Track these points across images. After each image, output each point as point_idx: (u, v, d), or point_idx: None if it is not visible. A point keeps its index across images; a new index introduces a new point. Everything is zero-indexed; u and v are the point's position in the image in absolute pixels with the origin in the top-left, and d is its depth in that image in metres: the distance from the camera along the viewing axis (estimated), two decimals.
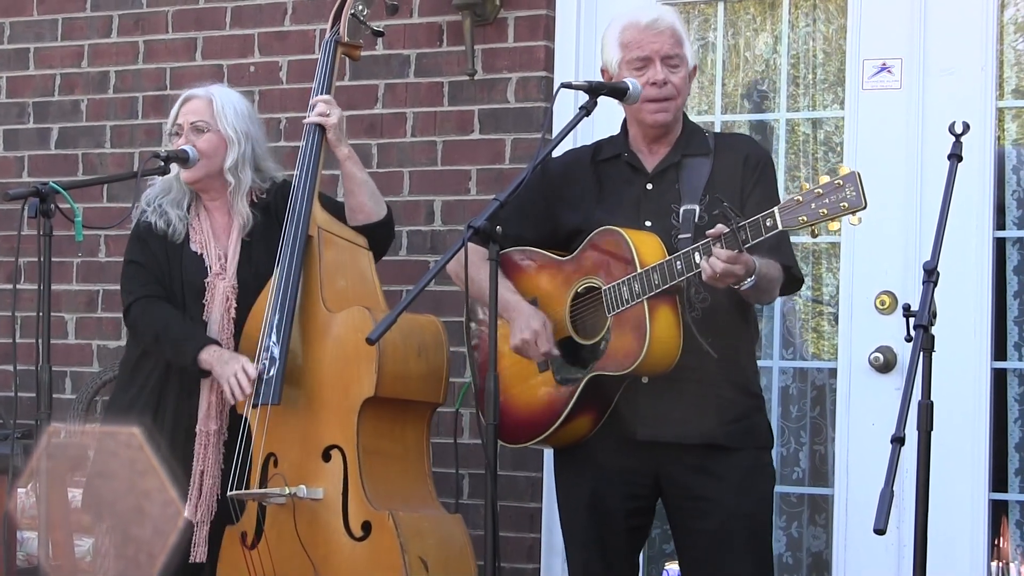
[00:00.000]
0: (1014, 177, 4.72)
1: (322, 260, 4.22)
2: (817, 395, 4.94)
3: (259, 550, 4.13)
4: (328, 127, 4.28)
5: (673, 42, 3.84)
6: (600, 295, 3.77)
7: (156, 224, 4.31)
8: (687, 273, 3.60)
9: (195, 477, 4.19)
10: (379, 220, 4.35)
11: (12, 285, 4.29)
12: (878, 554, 4.57)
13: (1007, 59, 4.70)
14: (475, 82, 5.10)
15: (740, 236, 3.47)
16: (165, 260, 4.30)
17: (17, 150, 5.79)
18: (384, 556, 3.97)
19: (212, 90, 4.40)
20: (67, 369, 5.55)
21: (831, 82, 4.92)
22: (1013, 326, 4.69)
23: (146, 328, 4.27)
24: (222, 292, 4.26)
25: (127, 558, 4.21)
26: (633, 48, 3.84)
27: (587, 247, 3.83)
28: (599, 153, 4.00)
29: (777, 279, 3.74)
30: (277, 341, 4.13)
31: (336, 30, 4.44)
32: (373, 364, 4.04)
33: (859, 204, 3.37)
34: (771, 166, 3.94)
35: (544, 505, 4.91)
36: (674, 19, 3.90)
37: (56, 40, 5.75)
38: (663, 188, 3.86)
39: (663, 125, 3.87)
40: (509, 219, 3.84)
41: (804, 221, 3.42)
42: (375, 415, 4.09)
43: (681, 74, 3.85)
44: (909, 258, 4.59)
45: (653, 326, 3.65)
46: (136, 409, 4.25)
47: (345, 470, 4.06)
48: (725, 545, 3.79)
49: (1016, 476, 4.68)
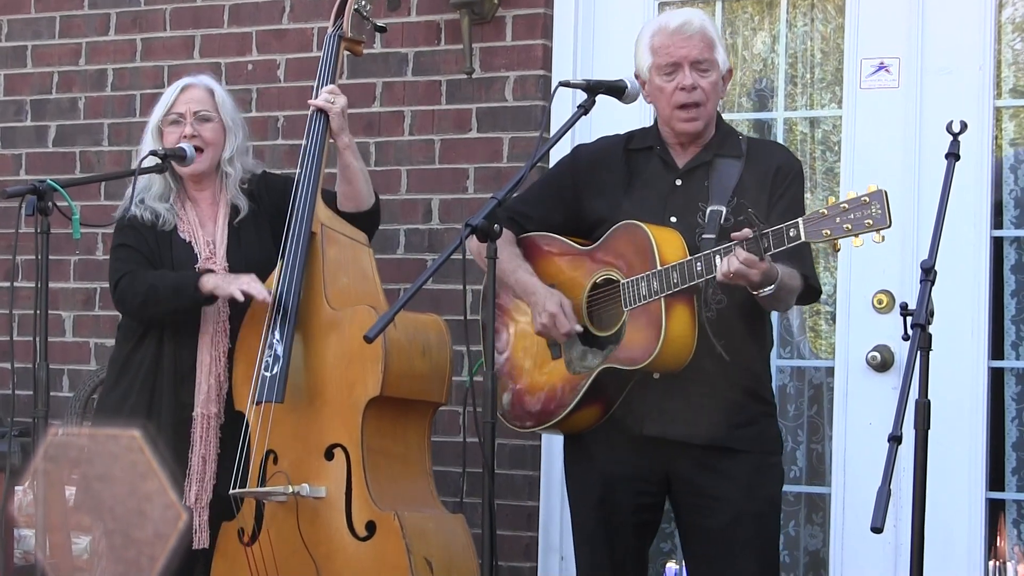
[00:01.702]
0: (1012, 176, 4.72)
1: (325, 257, 4.22)
2: (814, 394, 4.94)
3: (257, 547, 4.13)
4: (332, 114, 4.31)
5: (703, 46, 3.80)
6: (618, 288, 3.77)
7: (143, 216, 4.31)
8: (707, 275, 3.60)
9: (196, 462, 4.20)
10: (368, 208, 4.38)
11: (9, 283, 4.29)
12: (875, 553, 4.57)
13: (1005, 59, 4.70)
14: (473, 81, 5.10)
15: (763, 243, 3.49)
16: (156, 246, 4.31)
17: (15, 148, 5.79)
18: (389, 557, 3.97)
19: (208, 80, 4.45)
20: (64, 367, 5.55)
21: (829, 81, 4.92)
22: (1010, 325, 4.69)
23: (136, 290, 4.25)
24: None
25: (126, 560, 4.20)
26: (662, 53, 3.81)
27: (609, 239, 3.83)
28: (631, 142, 3.98)
29: (796, 289, 3.74)
30: (280, 339, 4.13)
31: (339, 24, 4.45)
32: (379, 364, 4.04)
33: (884, 223, 3.39)
34: (801, 176, 3.93)
35: (541, 504, 4.91)
36: (704, 22, 3.85)
37: (54, 38, 5.74)
38: (692, 185, 3.85)
39: (693, 134, 3.86)
40: (537, 202, 3.85)
41: (828, 235, 3.44)
42: (379, 414, 4.09)
43: (711, 79, 3.82)
44: (907, 257, 4.59)
45: (669, 324, 3.65)
46: (129, 403, 4.25)
47: (348, 469, 4.05)
48: (732, 544, 3.79)
49: (1013, 475, 4.68)
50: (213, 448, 4.23)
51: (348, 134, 4.34)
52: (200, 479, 4.19)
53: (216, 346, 4.25)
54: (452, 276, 4.71)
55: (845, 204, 3.43)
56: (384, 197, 4.44)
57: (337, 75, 4.44)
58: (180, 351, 4.26)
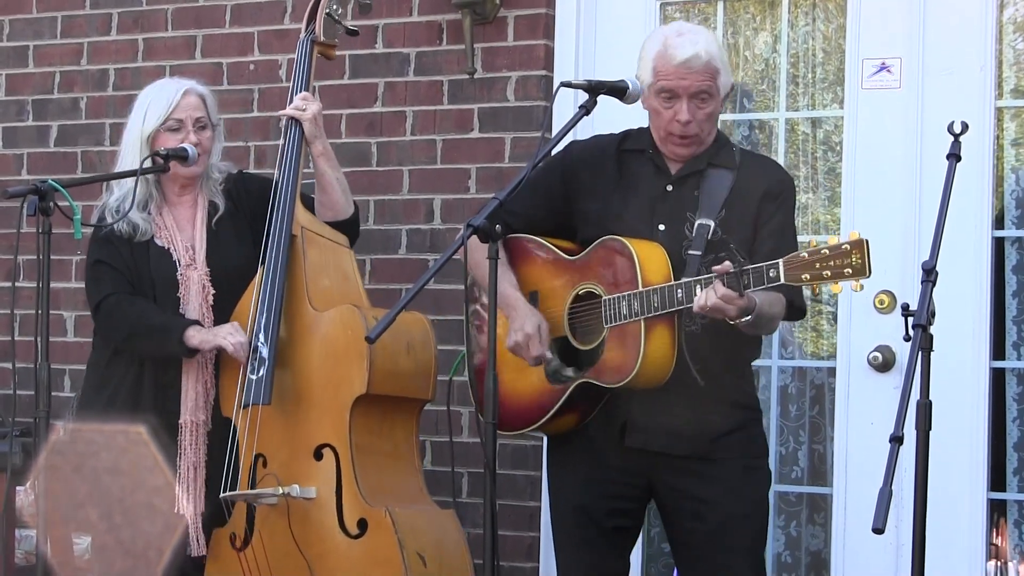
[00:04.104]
0: (1013, 177, 4.72)
1: (306, 259, 4.23)
2: (816, 394, 4.94)
3: (250, 551, 4.13)
4: (304, 120, 4.29)
5: (705, 79, 3.75)
6: (599, 303, 3.77)
7: (119, 228, 4.28)
8: (686, 303, 3.60)
9: (187, 471, 4.20)
10: (346, 219, 4.36)
11: (11, 283, 4.29)
12: (876, 553, 4.57)
13: (1006, 59, 4.70)
14: (475, 81, 5.10)
15: (743, 280, 3.48)
16: (132, 260, 4.29)
17: (16, 148, 5.79)
18: (382, 553, 3.97)
19: (198, 86, 4.44)
20: (66, 367, 5.55)
21: (830, 81, 4.92)
22: (1012, 325, 4.69)
23: (120, 323, 4.25)
24: (197, 282, 4.28)
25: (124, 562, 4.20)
26: (662, 79, 3.77)
27: (594, 251, 3.82)
28: (625, 142, 3.97)
29: (778, 315, 3.75)
30: (265, 341, 4.13)
31: (311, 29, 4.45)
32: (364, 361, 4.05)
33: (863, 272, 3.39)
34: (792, 196, 3.92)
35: (543, 504, 4.91)
36: (711, 53, 3.76)
37: (55, 38, 5.74)
38: (682, 194, 3.84)
39: (683, 158, 3.85)
40: (525, 200, 3.83)
41: (806, 279, 3.45)
42: (366, 412, 4.10)
43: (709, 109, 3.79)
44: (908, 257, 4.59)
45: (648, 346, 3.66)
46: (114, 410, 4.24)
47: (338, 468, 4.06)
48: (721, 545, 3.79)
49: (1014, 475, 4.68)
50: (202, 456, 4.23)
51: (323, 141, 4.31)
52: (192, 488, 4.19)
53: (203, 354, 4.24)
54: (453, 276, 4.71)
55: (826, 251, 3.43)
56: (386, 197, 4.44)
57: (312, 79, 4.43)
58: (166, 360, 4.26)
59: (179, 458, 4.20)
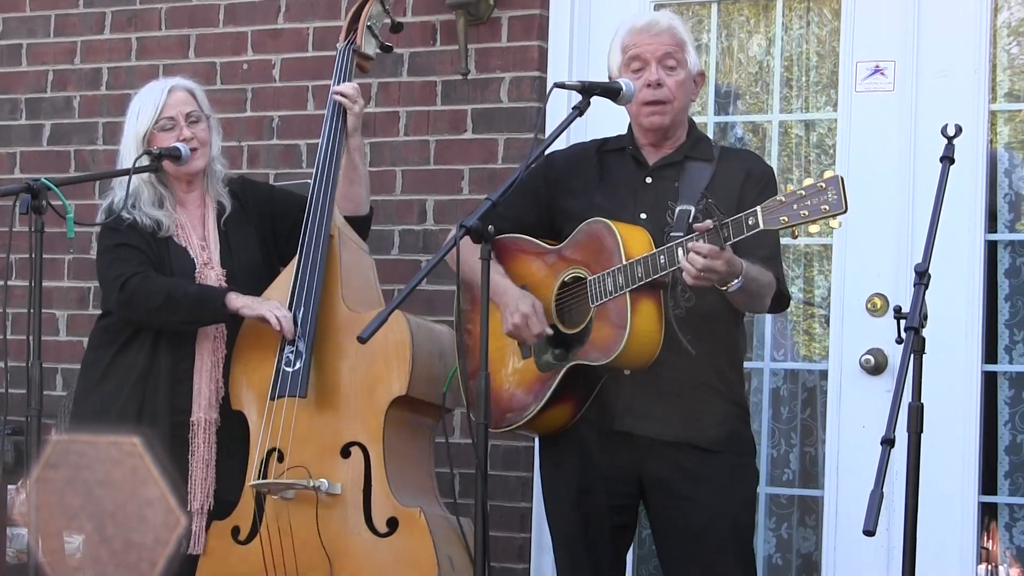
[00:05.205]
0: (1006, 180, 4.72)
1: (341, 260, 4.25)
2: (808, 397, 4.94)
3: (256, 544, 4.13)
4: (352, 112, 4.34)
5: (671, 43, 3.85)
6: (585, 285, 3.78)
7: (141, 221, 4.27)
8: (670, 267, 3.61)
9: (197, 466, 4.20)
10: (363, 214, 4.41)
11: (3, 281, 4.27)
12: (867, 556, 4.57)
13: (1000, 63, 4.70)
14: (468, 81, 5.10)
15: (723, 233, 3.49)
16: (155, 251, 4.28)
17: (9, 146, 5.79)
18: (415, 553, 3.99)
19: (185, 82, 4.43)
20: (58, 366, 5.54)
21: (824, 84, 4.92)
22: (1004, 329, 4.70)
23: (155, 291, 4.18)
24: (214, 281, 4.28)
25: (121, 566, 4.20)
26: (630, 50, 3.87)
27: (576, 237, 3.85)
28: (605, 144, 4.03)
29: (768, 287, 3.75)
30: (302, 336, 4.14)
31: (352, 39, 4.47)
32: (407, 364, 4.08)
33: (840, 208, 3.39)
34: (773, 182, 3.94)
35: (534, 505, 4.91)
36: (674, 22, 3.91)
37: (49, 36, 5.74)
38: (662, 184, 3.88)
39: (659, 128, 3.88)
40: (511, 203, 3.84)
41: (785, 222, 3.45)
42: (398, 415, 4.13)
43: (678, 77, 3.85)
44: (900, 260, 4.59)
45: (634, 319, 3.66)
46: (116, 407, 4.22)
47: (367, 466, 4.07)
48: (707, 545, 3.80)
49: (1005, 479, 4.69)
50: (213, 453, 4.23)
51: (360, 136, 4.38)
52: (203, 485, 4.20)
53: (216, 352, 4.26)
54: (446, 277, 4.71)
55: (802, 191, 3.44)
56: (379, 198, 4.45)
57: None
58: (177, 356, 4.25)
59: (191, 455, 4.21)
